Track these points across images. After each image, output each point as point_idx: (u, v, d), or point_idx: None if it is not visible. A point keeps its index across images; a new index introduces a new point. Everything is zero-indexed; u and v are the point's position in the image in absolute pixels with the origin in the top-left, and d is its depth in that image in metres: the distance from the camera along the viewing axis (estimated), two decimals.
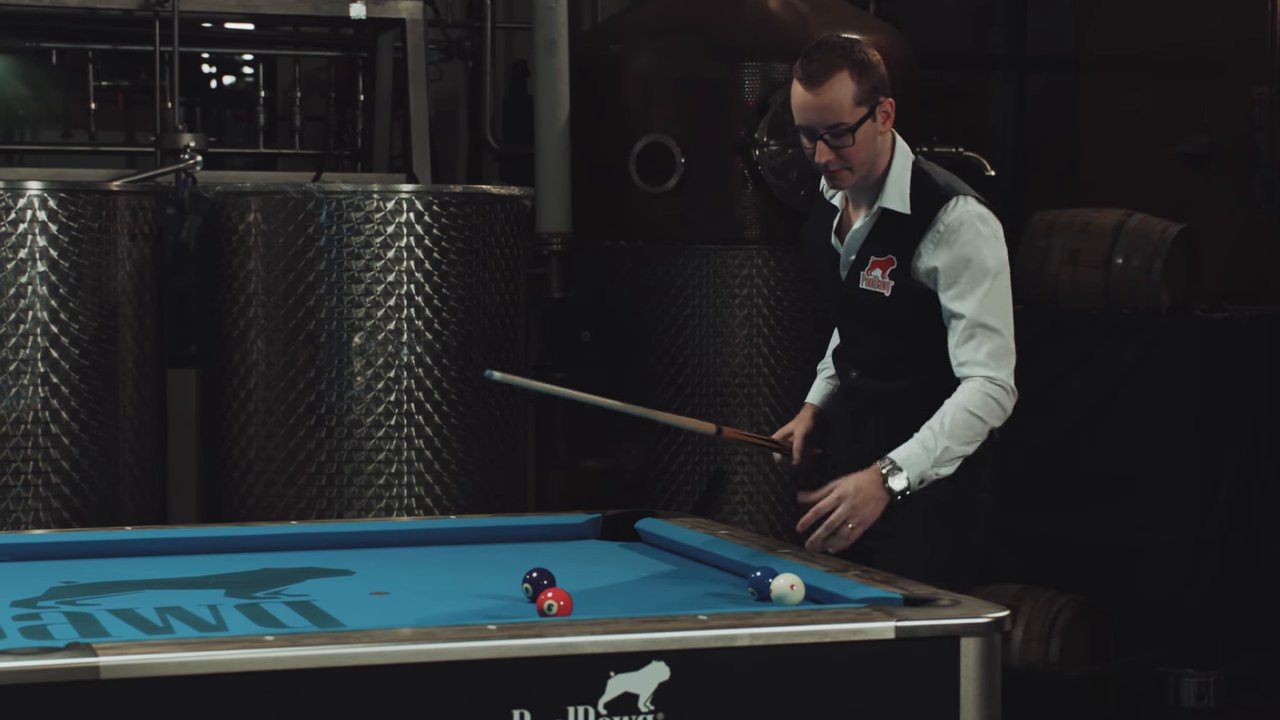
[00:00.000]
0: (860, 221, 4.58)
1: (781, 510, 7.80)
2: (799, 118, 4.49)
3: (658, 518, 4.76)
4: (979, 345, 4.43)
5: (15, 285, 6.35)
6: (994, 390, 4.44)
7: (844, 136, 4.42)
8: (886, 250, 4.52)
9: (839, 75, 4.43)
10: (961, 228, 4.45)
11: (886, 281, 4.51)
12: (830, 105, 4.42)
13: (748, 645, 3.38)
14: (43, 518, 6.37)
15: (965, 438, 4.39)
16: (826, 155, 4.45)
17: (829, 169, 4.50)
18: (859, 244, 4.58)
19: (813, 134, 4.46)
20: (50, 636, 3.52)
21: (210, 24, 8.58)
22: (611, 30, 8.45)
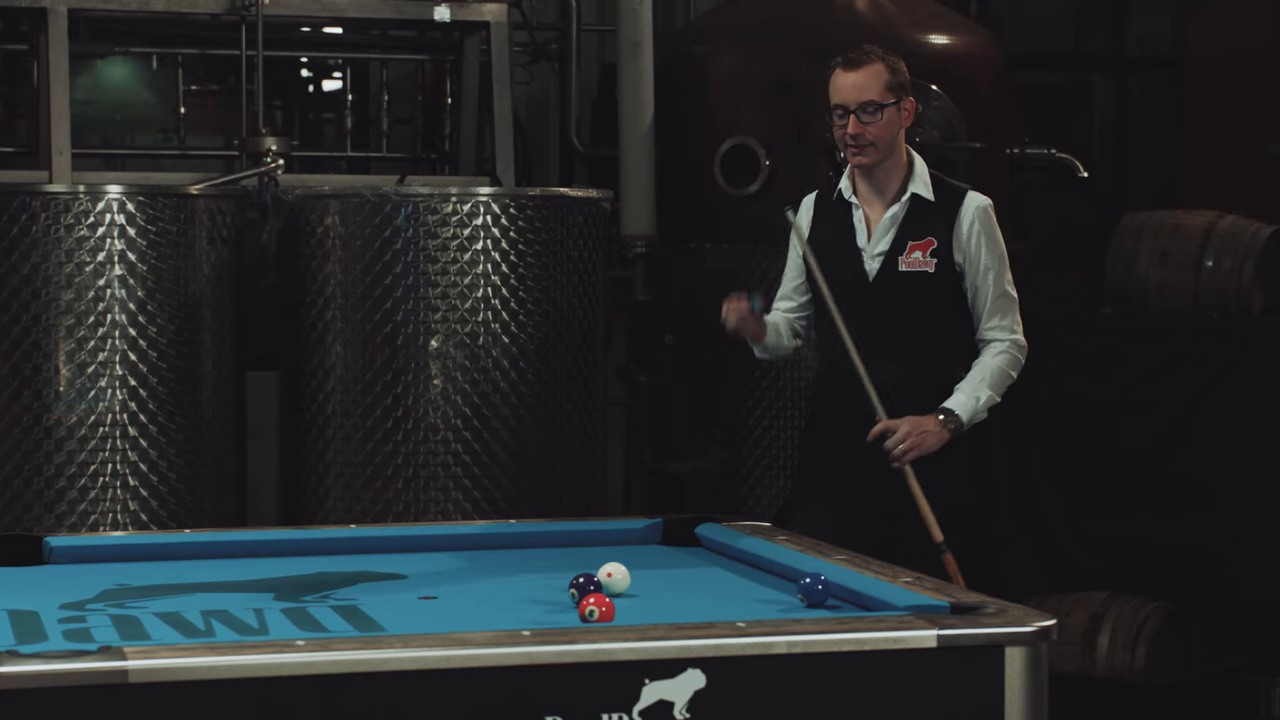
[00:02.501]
0: (890, 212, 5.28)
1: None
2: (836, 97, 5.28)
3: (719, 523, 4.71)
4: (1004, 313, 5.31)
5: (95, 288, 6.40)
6: (1018, 351, 5.34)
7: (874, 114, 5.20)
8: (924, 233, 5.27)
9: (875, 64, 5.26)
10: (981, 215, 5.29)
11: (929, 260, 5.26)
12: (865, 84, 5.23)
13: (785, 653, 3.34)
14: (121, 520, 6.41)
15: (1000, 388, 5.29)
16: (857, 128, 5.21)
17: (856, 143, 5.23)
18: (892, 231, 5.28)
19: (846, 111, 5.25)
20: (91, 639, 3.53)
21: (309, 28, 8.61)
22: (697, 32, 8.41)
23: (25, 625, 3.71)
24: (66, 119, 7.36)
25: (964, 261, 5.25)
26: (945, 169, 7.78)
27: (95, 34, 8.02)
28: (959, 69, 8.00)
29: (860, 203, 5.34)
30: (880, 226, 5.29)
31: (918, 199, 5.28)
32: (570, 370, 6.79)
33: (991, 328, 5.29)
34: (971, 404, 5.20)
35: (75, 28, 7.70)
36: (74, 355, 6.41)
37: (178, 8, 7.73)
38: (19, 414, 6.42)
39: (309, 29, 8.58)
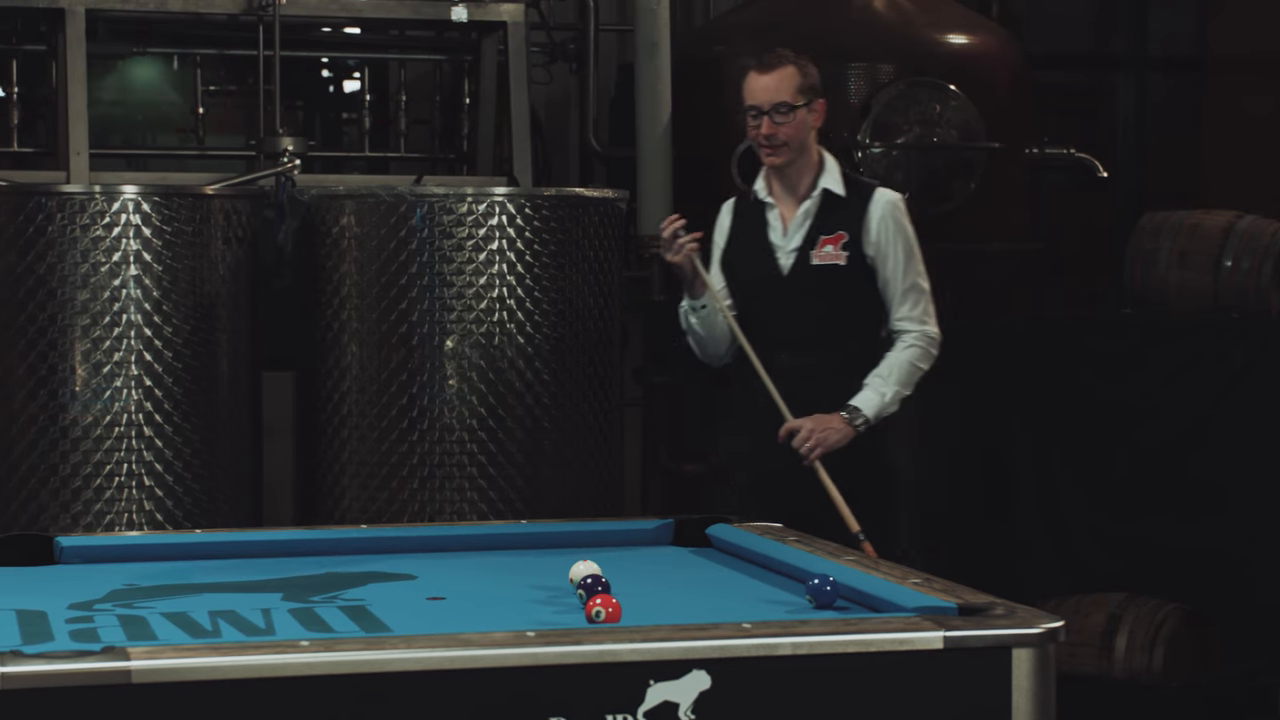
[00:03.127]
0: (802, 208, 5.49)
1: None
2: (749, 99, 5.47)
3: (730, 523, 4.70)
4: (915, 304, 5.51)
5: (110, 289, 6.41)
6: (928, 343, 5.53)
7: (787, 114, 5.41)
8: (835, 228, 5.48)
9: (787, 67, 5.47)
10: (891, 208, 5.50)
11: (840, 253, 5.46)
12: (778, 86, 5.43)
13: (790, 654, 3.33)
14: (136, 520, 6.41)
15: (908, 382, 5.51)
16: (770, 128, 5.42)
17: (769, 143, 5.43)
18: (804, 228, 5.49)
19: (759, 112, 5.43)
20: (97, 639, 3.52)
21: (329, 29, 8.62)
22: (714, 32, 8.40)
23: (32, 625, 3.71)
24: (84, 119, 7.38)
25: (875, 254, 5.46)
26: (963, 169, 7.83)
27: (113, 34, 8.03)
28: (977, 69, 7.98)
29: (775, 202, 5.56)
30: (794, 223, 5.51)
31: (829, 195, 5.50)
32: (586, 370, 6.78)
33: (901, 318, 5.49)
34: (878, 400, 5.40)
35: (93, 28, 7.71)
36: (89, 355, 6.42)
37: (195, 8, 7.74)
38: (35, 414, 6.43)
39: (329, 29, 8.59)
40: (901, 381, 5.46)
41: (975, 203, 7.91)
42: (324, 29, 8.54)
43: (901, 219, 5.53)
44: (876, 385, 5.43)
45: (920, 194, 7.79)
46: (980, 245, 7.94)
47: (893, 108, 7.78)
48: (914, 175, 7.79)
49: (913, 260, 5.50)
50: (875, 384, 5.43)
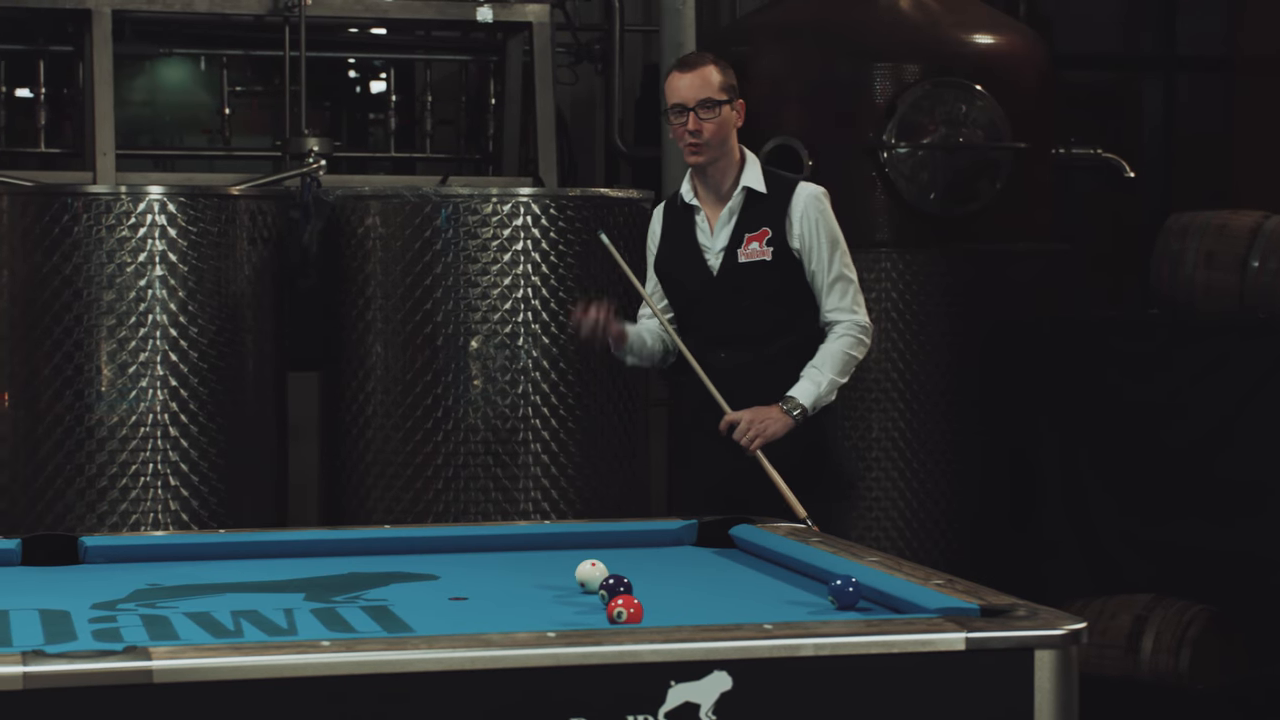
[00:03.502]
0: (726, 208, 5.49)
1: (911, 517, 7.71)
2: (674, 97, 5.46)
3: (753, 524, 4.69)
4: (843, 294, 5.51)
5: (136, 289, 6.42)
6: (859, 332, 5.51)
7: (712, 110, 5.40)
8: (758, 224, 5.47)
9: (708, 65, 5.49)
10: (813, 202, 5.49)
11: (766, 249, 5.45)
12: (702, 83, 5.43)
13: (812, 655, 3.32)
14: (162, 520, 6.43)
15: (843, 370, 5.48)
16: (696, 124, 5.40)
17: (693, 140, 5.41)
18: (729, 227, 5.49)
19: (683, 109, 5.42)
20: (119, 639, 3.53)
21: (355, 29, 8.64)
22: (740, 32, 8.39)
23: (55, 625, 3.71)
24: (110, 120, 7.40)
25: (800, 248, 5.47)
26: (989, 169, 7.82)
27: (140, 35, 8.06)
28: (1003, 69, 7.97)
29: (700, 204, 5.56)
30: (719, 222, 5.52)
31: (751, 192, 5.50)
32: (610, 371, 6.77)
33: (832, 309, 5.50)
34: (814, 390, 5.41)
35: (120, 29, 7.74)
36: (115, 355, 6.44)
37: (221, 9, 7.76)
38: (61, 414, 6.45)
39: (355, 30, 8.60)
40: (836, 370, 5.46)
41: (1001, 203, 7.89)
42: (350, 30, 8.56)
43: (824, 212, 5.52)
44: (812, 375, 5.45)
45: (946, 194, 7.78)
46: (1006, 245, 7.93)
47: (918, 108, 7.76)
48: (939, 175, 7.78)
49: (838, 251, 5.51)
50: (811, 374, 5.45)
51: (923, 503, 7.75)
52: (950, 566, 7.08)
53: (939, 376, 7.78)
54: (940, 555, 7.63)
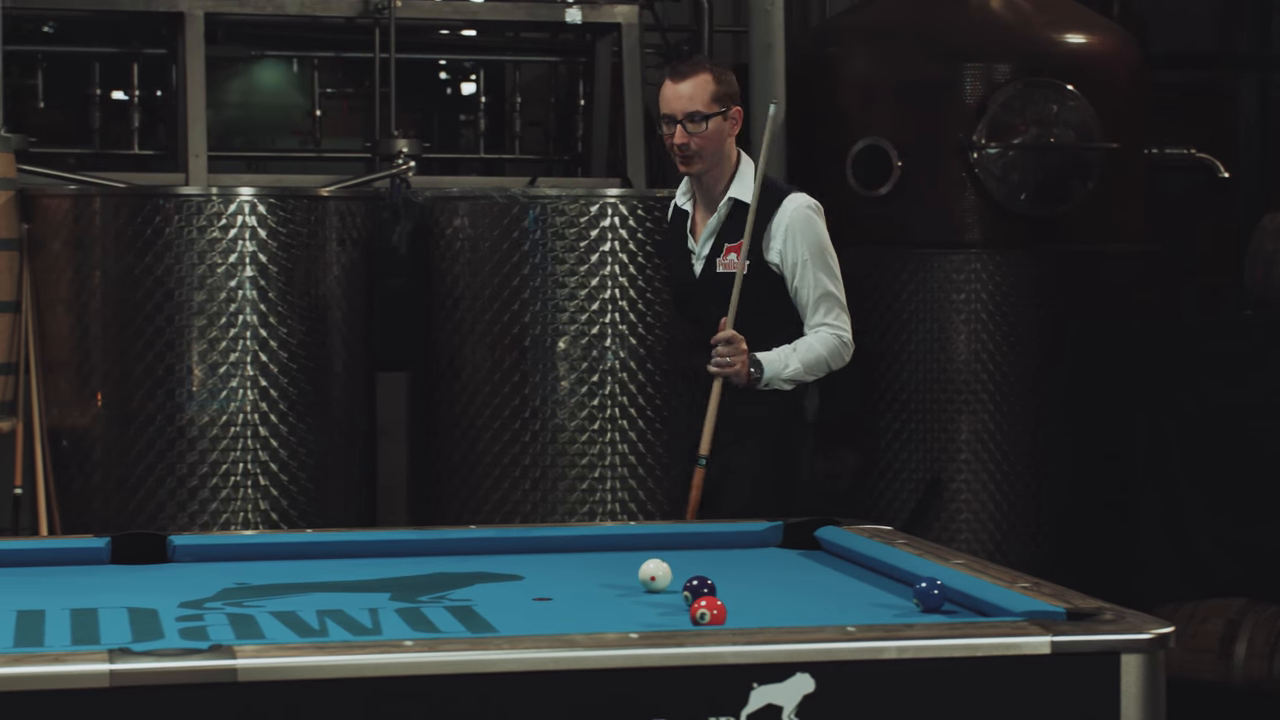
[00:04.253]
0: (713, 218, 5.40)
1: (1000, 520, 7.67)
2: (664, 107, 5.36)
3: (838, 526, 4.67)
4: (828, 311, 5.38)
5: (226, 290, 6.47)
6: (840, 342, 5.40)
7: (700, 124, 5.30)
8: (738, 236, 5.33)
9: (702, 75, 5.35)
10: (799, 217, 5.36)
11: (743, 263, 5.31)
12: (692, 95, 5.30)
13: (895, 658, 3.30)
14: (251, 519, 6.47)
15: (810, 367, 5.35)
16: (683, 138, 5.31)
17: (683, 152, 5.33)
18: (713, 234, 5.40)
19: (673, 120, 5.32)
20: (205, 638, 3.55)
21: (447, 31, 8.67)
22: (830, 33, 8.37)
23: (143, 623, 3.74)
24: (202, 122, 7.45)
25: (781, 263, 5.36)
26: (1081, 170, 7.76)
27: (232, 38, 8.12)
28: (1095, 68, 7.91)
29: (692, 209, 5.51)
30: (706, 230, 5.44)
31: (738, 203, 5.39)
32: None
33: (815, 325, 5.38)
34: (779, 364, 5.30)
35: (213, 32, 7.79)
36: (206, 355, 6.49)
37: (311, 11, 7.80)
38: (152, 414, 6.51)
39: (447, 32, 8.64)
40: (804, 362, 5.34)
41: (1092, 204, 7.83)
42: (441, 31, 8.60)
43: (810, 225, 5.40)
44: (784, 353, 5.32)
45: (1036, 195, 7.73)
46: (1097, 246, 7.87)
47: (1009, 108, 7.72)
48: (1030, 176, 7.73)
49: (824, 268, 5.38)
50: (784, 351, 5.32)
51: (1012, 505, 7.70)
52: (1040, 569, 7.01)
53: (1029, 378, 7.73)
54: (1030, 558, 7.58)
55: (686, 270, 5.53)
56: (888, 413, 7.68)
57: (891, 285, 7.68)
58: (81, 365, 6.62)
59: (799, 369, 5.32)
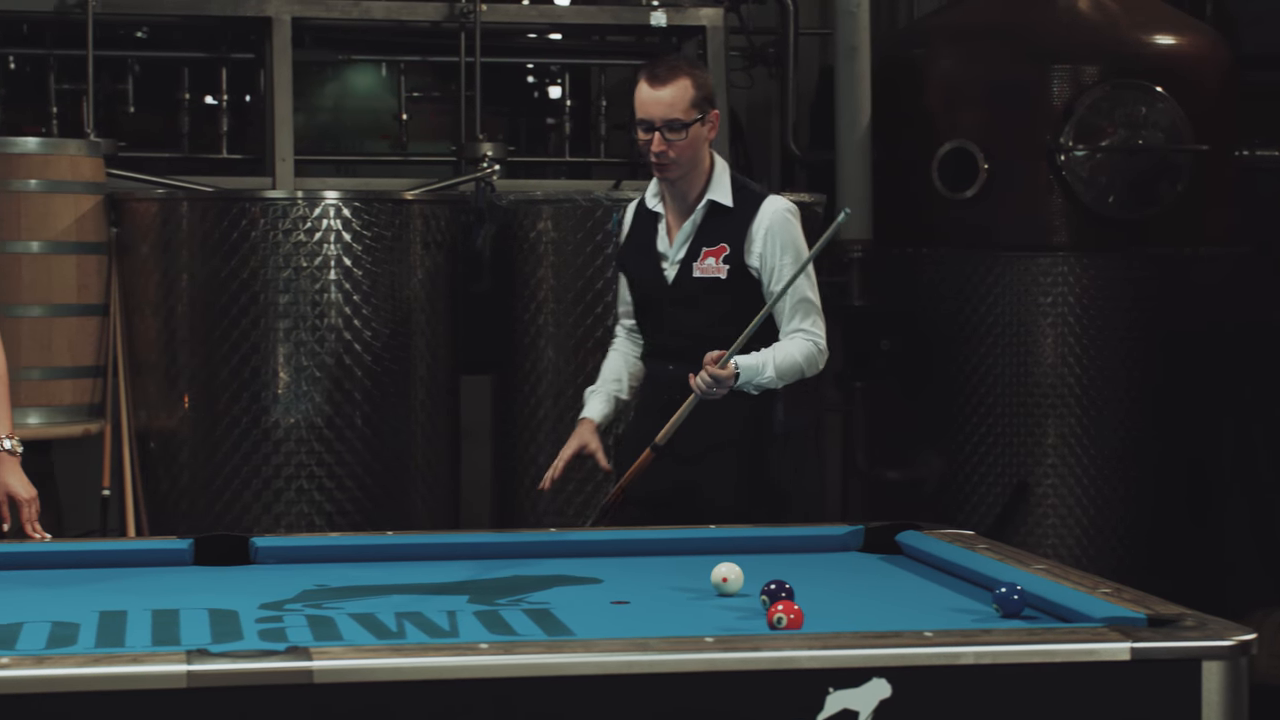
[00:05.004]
0: (688, 221, 5.28)
1: (1087, 525, 7.61)
2: (641, 111, 5.23)
3: (920, 530, 4.65)
4: (805, 316, 5.28)
5: (311, 292, 6.51)
6: (815, 349, 5.29)
7: (679, 131, 5.17)
8: (717, 240, 5.25)
9: (681, 79, 5.22)
10: (778, 219, 5.25)
11: (721, 267, 5.24)
12: (671, 101, 5.18)
13: (972, 663, 3.28)
14: (336, 521, 6.50)
15: (786, 374, 5.24)
16: (661, 145, 5.18)
17: (660, 160, 5.20)
18: (688, 239, 5.28)
19: (650, 126, 5.20)
20: (284, 639, 3.57)
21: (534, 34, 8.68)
22: (916, 35, 8.33)
23: (223, 624, 3.76)
24: (289, 126, 7.49)
25: (760, 267, 5.26)
26: (1170, 172, 7.69)
27: (319, 42, 8.16)
28: (1185, 69, 7.84)
29: (665, 211, 5.36)
30: (681, 234, 5.31)
31: (715, 205, 5.28)
32: None
33: (791, 331, 5.28)
34: (755, 369, 5.17)
35: (300, 37, 7.83)
36: (291, 358, 6.52)
37: (397, 16, 7.83)
38: (238, 416, 6.55)
39: (534, 35, 8.65)
40: (780, 368, 5.22)
41: (1181, 206, 7.76)
42: (529, 35, 8.61)
43: (790, 230, 5.29)
44: (763, 357, 5.20)
45: (1125, 197, 7.67)
46: (1187, 249, 7.80)
47: (1097, 110, 7.66)
48: (1118, 178, 7.67)
49: (802, 273, 5.22)
50: (763, 355, 5.20)
51: (1099, 510, 7.64)
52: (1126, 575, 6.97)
53: (1116, 381, 7.67)
54: (1116, 563, 7.52)
55: (653, 274, 5.38)
56: (973, 416, 7.64)
57: (977, 289, 7.64)
58: (169, 368, 6.67)
59: (773, 376, 5.21)
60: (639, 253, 5.44)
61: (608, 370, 5.57)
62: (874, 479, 8.04)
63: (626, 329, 5.62)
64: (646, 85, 5.24)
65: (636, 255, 5.45)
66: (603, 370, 5.59)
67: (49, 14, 7.52)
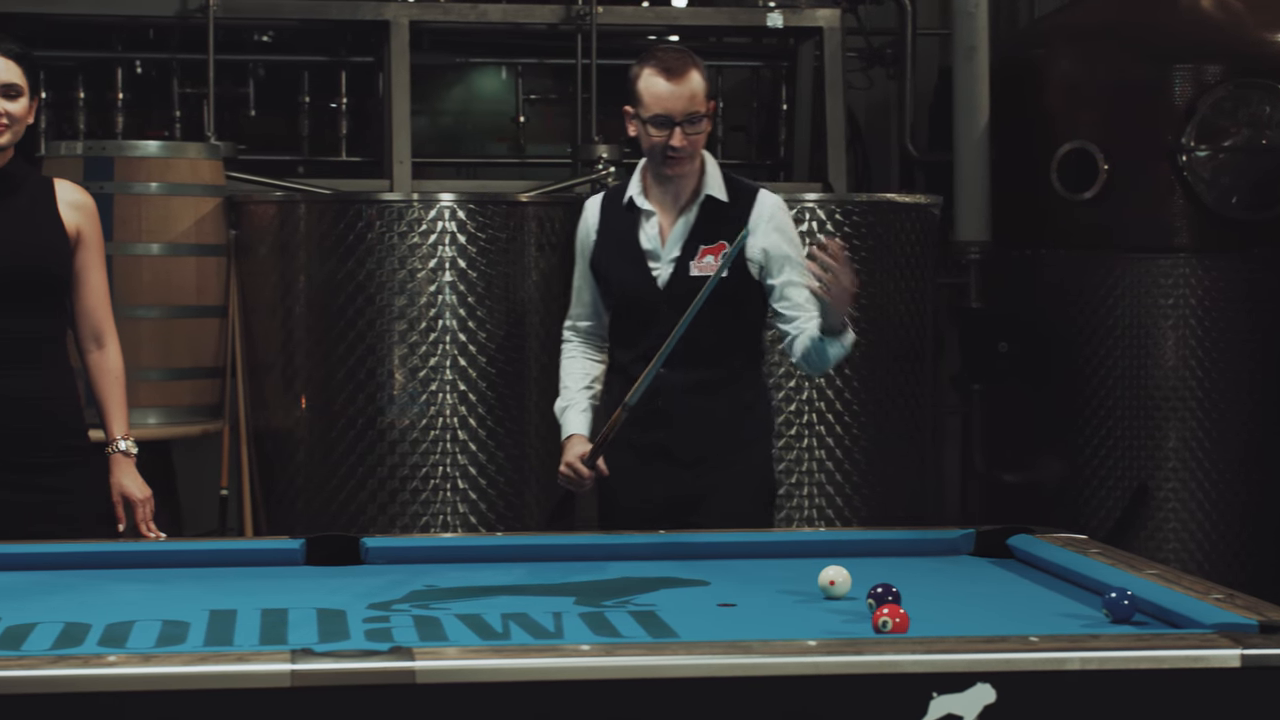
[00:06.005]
0: (682, 218, 5.07)
1: (1209, 529, 7.52)
2: (657, 107, 4.97)
3: (1031, 534, 4.61)
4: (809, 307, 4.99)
5: (426, 294, 6.54)
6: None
7: (699, 123, 4.99)
8: (715, 237, 5.03)
9: (693, 69, 5.02)
10: (779, 211, 5.11)
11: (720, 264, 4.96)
12: (691, 94, 4.98)
13: (1079, 669, 3.24)
14: (450, 522, 6.53)
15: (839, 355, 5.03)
16: (681, 140, 4.96)
17: (678, 155, 4.98)
18: (683, 237, 5.06)
19: (669, 122, 4.97)
20: (390, 639, 3.58)
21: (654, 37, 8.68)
22: (1035, 34, 8.27)
23: (330, 624, 3.78)
24: (407, 129, 7.53)
25: (764, 262, 5.07)
26: None
27: (437, 45, 8.20)
28: None
29: (653, 208, 5.12)
30: (673, 232, 5.08)
31: (711, 201, 5.08)
32: (897, 378, 6.73)
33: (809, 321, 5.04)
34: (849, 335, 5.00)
35: (418, 40, 7.87)
36: (406, 360, 6.56)
37: (514, 19, 7.85)
38: (354, 417, 6.59)
39: (654, 37, 8.65)
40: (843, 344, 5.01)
41: None
42: (649, 37, 8.61)
43: (787, 222, 5.13)
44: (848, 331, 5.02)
45: (1249, 198, 7.57)
46: None
47: (1220, 110, 7.57)
48: (1242, 179, 7.57)
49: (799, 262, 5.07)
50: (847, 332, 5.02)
51: (1221, 514, 7.56)
52: (1250, 580, 6.89)
53: (1239, 384, 7.58)
54: (1239, 569, 7.43)
55: (640, 275, 5.13)
56: (1093, 419, 7.57)
57: (1098, 290, 7.57)
58: (285, 369, 6.73)
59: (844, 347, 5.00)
60: (619, 254, 5.17)
61: (573, 379, 5.31)
62: (993, 482, 7.99)
63: (582, 332, 5.36)
64: (662, 79, 4.99)
65: (615, 257, 5.18)
66: (566, 380, 5.32)
67: (171, 19, 7.60)
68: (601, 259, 5.20)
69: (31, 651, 3.49)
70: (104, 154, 6.68)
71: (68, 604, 3.97)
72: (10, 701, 3.10)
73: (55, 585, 4.20)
